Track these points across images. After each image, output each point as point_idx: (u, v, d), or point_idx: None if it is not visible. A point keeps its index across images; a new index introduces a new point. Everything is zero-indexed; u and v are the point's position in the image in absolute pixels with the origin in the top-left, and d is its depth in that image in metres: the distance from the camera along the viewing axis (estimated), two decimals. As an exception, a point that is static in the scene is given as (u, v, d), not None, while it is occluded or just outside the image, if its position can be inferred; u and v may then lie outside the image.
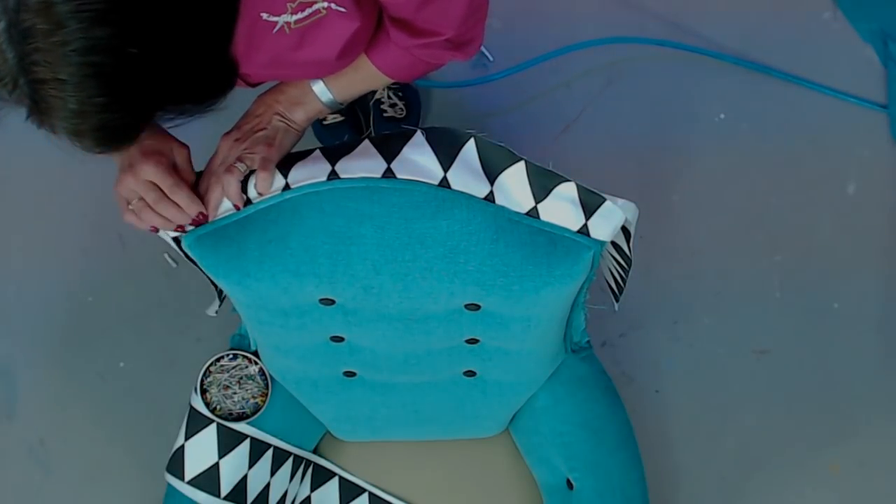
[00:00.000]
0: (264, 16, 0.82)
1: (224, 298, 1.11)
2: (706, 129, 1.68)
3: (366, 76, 0.96)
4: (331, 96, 0.97)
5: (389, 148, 0.93)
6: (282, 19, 0.83)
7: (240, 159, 0.94)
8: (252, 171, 0.94)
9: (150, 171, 0.90)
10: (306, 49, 0.87)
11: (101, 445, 1.52)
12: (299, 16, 0.83)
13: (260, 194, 0.95)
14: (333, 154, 0.94)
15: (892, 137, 1.68)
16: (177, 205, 0.92)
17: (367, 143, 0.94)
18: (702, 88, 1.70)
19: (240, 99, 0.84)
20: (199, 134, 0.89)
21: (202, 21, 0.61)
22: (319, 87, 0.97)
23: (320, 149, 0.95)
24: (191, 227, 0.95)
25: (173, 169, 0.93)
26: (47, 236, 1.62)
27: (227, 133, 0.99)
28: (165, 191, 0.91)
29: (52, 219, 1.63)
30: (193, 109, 0.65)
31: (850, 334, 1.57)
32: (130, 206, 0.92)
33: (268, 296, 0.98)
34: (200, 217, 0.94)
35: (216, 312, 1.14)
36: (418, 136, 0.93)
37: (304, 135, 1.01)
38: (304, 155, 0.96)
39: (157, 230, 0.95)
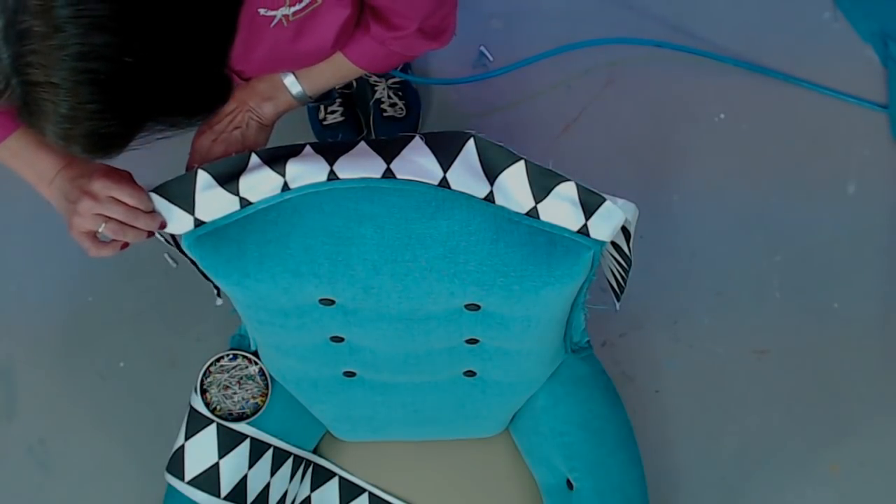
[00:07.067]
0: (262, 11, 0.83)
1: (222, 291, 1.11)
2: (706, 129, 1.68)
3: (338, 69, 0.97)
4: (301, 89, 0.98)
5: (388, 150, 0.93)
6: (279, 13, 0.84)
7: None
8: (243, 171, 0.93)
9: (110, 186, 0.86)
10: (304, 40, 0.88)
11: (101, 445, 1.52)
12: (297, 7, 0.84)
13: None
14: (328, 152, 0.93)
15: (892, 137, 1.68)
16: (145, 212, 0.90)
17: (364, 144, 0.94)
18: (702, 89, 1.70)
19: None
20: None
21: (201, 35, 0.60)
22: (290, 80, 0.98)
23: (311, 144, 0.94)
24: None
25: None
26: (47, 236, 1.62)
27: (201, 132, 0.98)
28: (130, 201, 0.88)
29: (52, 219, 1.62)
30: (184, 122, 0.64)
31: (850, 334, 1.57)
32: (100, 232, 0.88)
33: (268, 296, 0.98)
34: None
35: (220, 302, 1.12)
36: (417, 140, 0.93)
37: (273, 129, 1.02)
38: (294, 150, 0.94)
39: (126, 246, 0.91)
